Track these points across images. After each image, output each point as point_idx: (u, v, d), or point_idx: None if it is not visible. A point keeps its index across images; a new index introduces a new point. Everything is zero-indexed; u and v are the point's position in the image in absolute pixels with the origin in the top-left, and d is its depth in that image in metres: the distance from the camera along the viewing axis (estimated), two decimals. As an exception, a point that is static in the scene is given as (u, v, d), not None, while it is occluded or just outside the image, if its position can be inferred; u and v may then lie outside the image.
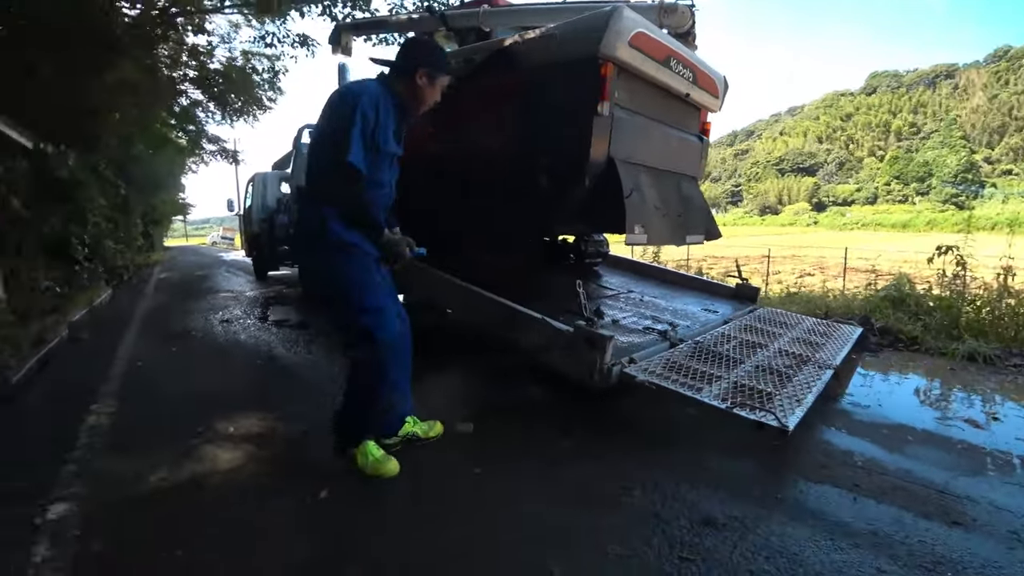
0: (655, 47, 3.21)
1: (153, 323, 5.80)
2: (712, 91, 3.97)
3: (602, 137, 3.03)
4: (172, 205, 27.87)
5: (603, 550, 1.74)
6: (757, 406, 2.38)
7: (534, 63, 3.24)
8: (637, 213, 3.15)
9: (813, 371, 2.98)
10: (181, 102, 13.00)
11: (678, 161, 3.93)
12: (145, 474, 2.23)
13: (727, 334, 3.54)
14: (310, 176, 2.17)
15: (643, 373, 2.65)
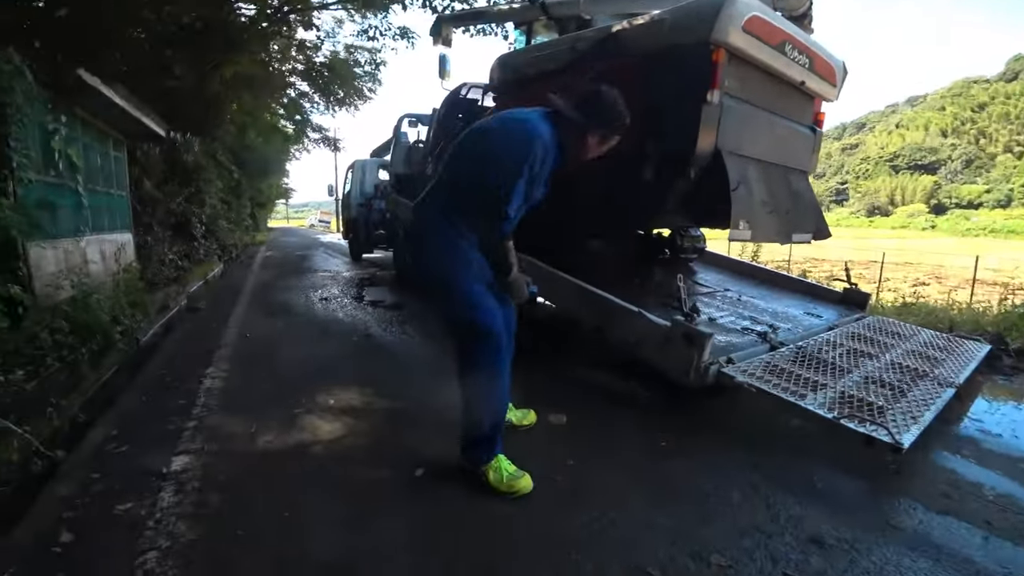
0: (770, 31, 3.04)
1: (259, 297, 6.33)
2: (829, 78, 3.70)
3: (710, 127, 2.91)
4: (276, 189, 30.12)
5: (704, 559, 1.68)
6: (867, 419, 2.20)
7: (641, 50, 3.15)
8: (743, 208, 3.00)
9: (931, 387, 2.69)
10: (289, 93, 13.95)
11: (788, 154, 3.71)
12: (255, 436, 2.45)
13: (833, 341, 3.28)
14: (452, 189, 2.04)
15: (742, 375, 2.53)
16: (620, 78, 3.23)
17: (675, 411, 2.89)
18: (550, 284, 3.32)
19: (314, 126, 16.40)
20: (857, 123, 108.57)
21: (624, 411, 2.90)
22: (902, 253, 21.63)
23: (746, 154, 3.23)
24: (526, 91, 4.14)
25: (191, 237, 9.12)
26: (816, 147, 4.03)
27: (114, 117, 5.25)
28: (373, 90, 13.80)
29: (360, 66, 12.85)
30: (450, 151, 2.16)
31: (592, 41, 3.49)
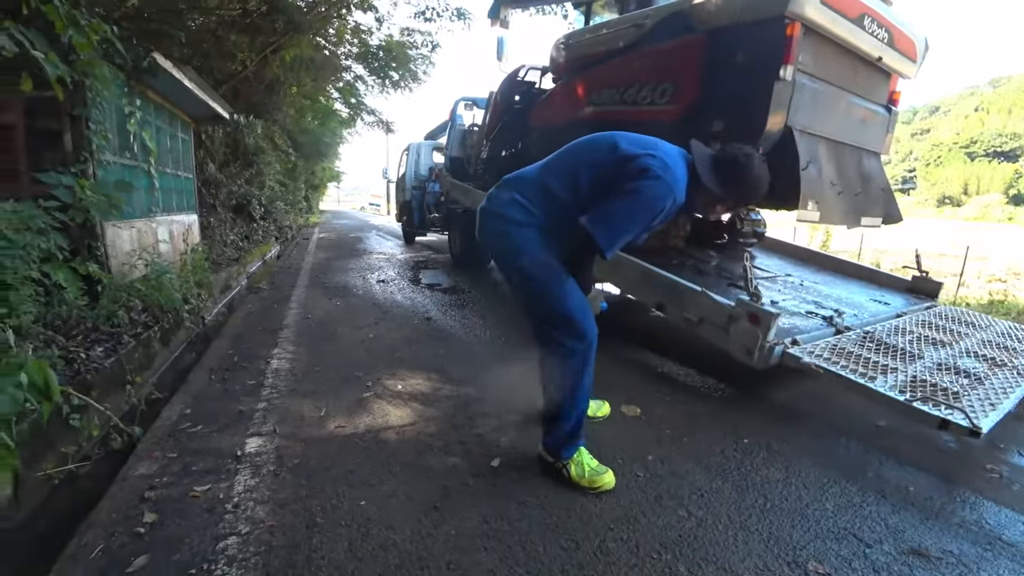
0: (848, 4, 2.94)
1: (317, 278, 6.41)
2: (910, 54, 3.52)
3: (782, 104, 2.87)
4: (329, 172, 30.81)
5: (801, 566, 1.59)
6: (942, 402, 2.09)
7: (714, 24, 3.10)
8: (812, 188, 2.96)
9: (1011, 377, 2.54)
10: (345, 77, 14.10)
11: (861, 134, 3.57)
12: (325, 420, 2.44)
13: (901, 327, 3.15)
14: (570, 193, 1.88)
15: (808, 355, 2.48)
16: (692, 53, 3.22)
17: (754, 406, 2.82)
18: (613, 265, 3.29)
19: (368, 109, 16.56)
20: (930, 107, 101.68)
21: (700, 404, 2.81)
22: (978, 246, 20.27)
23: (817, 133, 3.16)
24: (587, 72, 4.06)
25: (250, 218, 9.40)
26: (891, 127, 3.86)
27: (183, 100, 5.38)
28: (427, 72, 13.80)
29: (415, 48, 12.84)
30: (562, 156, 1.99)
31: (659, 18, 3.45)
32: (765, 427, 2.53)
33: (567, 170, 1.91)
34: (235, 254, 6.90)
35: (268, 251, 8.47)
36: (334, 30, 11.20)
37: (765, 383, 3.14)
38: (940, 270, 11.05)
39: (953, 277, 8.77)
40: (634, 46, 3.62)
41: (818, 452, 2.32)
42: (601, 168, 1.85)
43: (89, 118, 3.32)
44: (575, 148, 1.99)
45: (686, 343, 3.81)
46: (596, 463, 2.00)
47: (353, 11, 10.49)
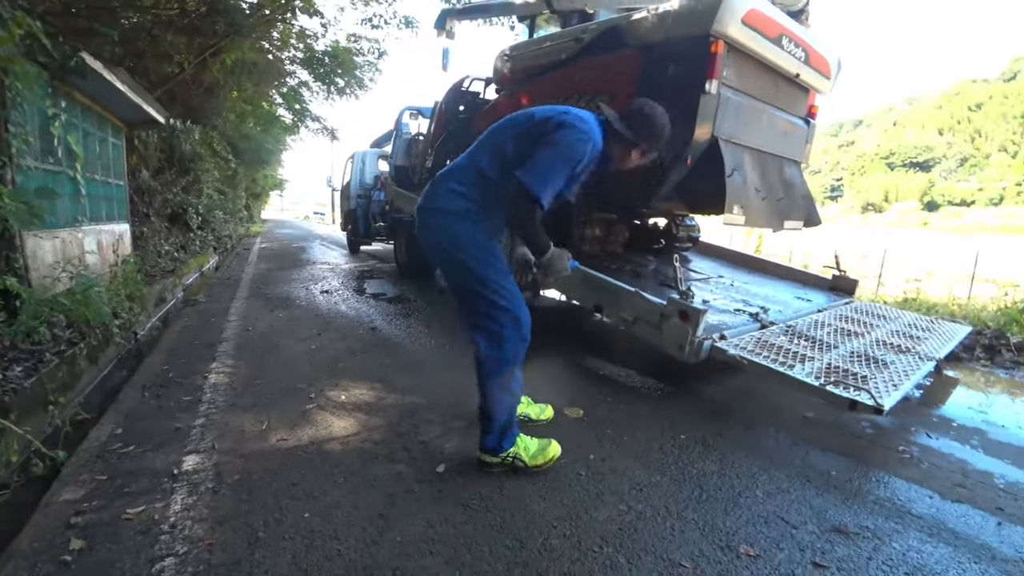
0: (768, 24, 3.18)
1: (258, 289, 6.22)
2: (824, 71, 3.83)
3: (708, 116, 3.06)
4: (272, 180, 29.84)
5: (734, 549, 1.70)
6: (852, 385, 2.32)
7: (644, 41, 3.29)
8: (737, 194, 3.15)
9: (913, 361, 2.85)
10: (289, 82, 13.75)
11: (782, 144, 3.84)
12: (267, 434, 2.38)
13: (821, 321, 3.44)
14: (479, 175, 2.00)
15: (734, 348, 2.64)
16: (624, 68, 3.40)
17: (690, 404, 2.97)
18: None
19: (313, 116, 16.17)
20: (854, 121, 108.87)
21: (640, 403, 2.92)
22: (896, 249, 21.96)
23: (741, 143, 3.37)
24: (529, 83, 4.19)
25: (187, 228, 8.97)
26: (809, 138, 4.16)
27: (114, 102, 5.11)
28: (374, 79, 13.63)
29: (362, 55, 12.67)
30: (488, 136, 2.10)
31: (596, 33, 3.63)
32: (701, 423, 2.67)
33: (493, 147, 2.02)
34: (170, 265, 6.59)
35: (206, 262, 8.13)
36: (278, 34, 10.91)
37: (701, 381, 3.32)
38: (862, 271, 11.88)
39: (874, 278, 9.46)
40: (574, 59, 3.78)
41: (750, 444, 2.47)
42: (523, 136, 1.97)
43: (8, 119, 3.12)
44: (498, 128, 2.09)
45: (626, 346, 3.99)
46: (536, 440, 2.13)
47: (298, 15, 10.27)
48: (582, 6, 4.34)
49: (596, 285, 3.17)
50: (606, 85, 3.51)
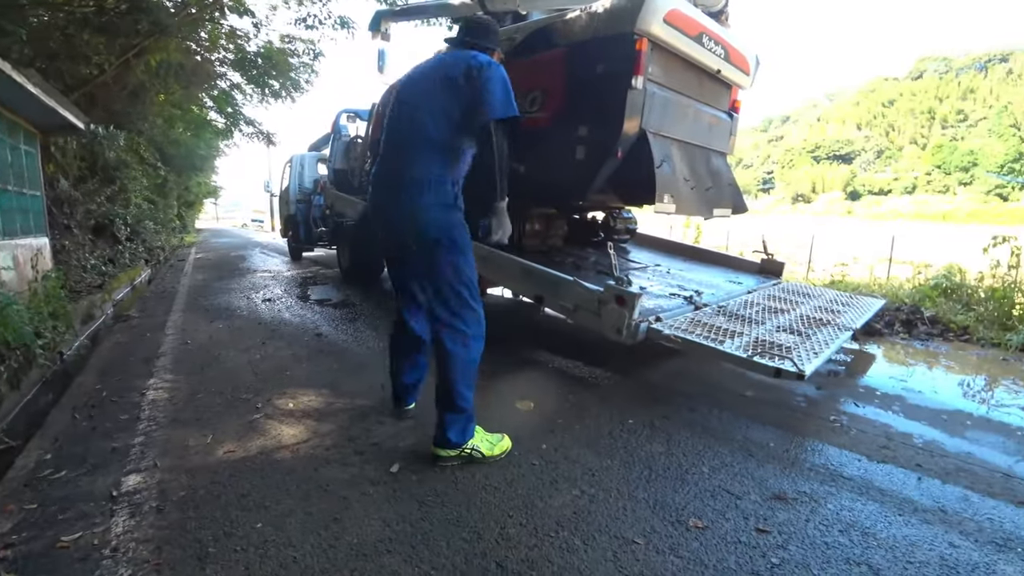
0: (688, 23, 3.34)
1: (196, 301, 5.95)
2: (743, 68, 4.06)
3: (635, 110, 3.19)
4: (205, 187, 28.55)
5: (684, 523, 1.79)
6: (776, 355, 2.50)
7: (574, 40, 3.41)
8: (666, 183, 3.30)
9: (832, 332, 3.08)
10: (220, 85, 13.18)
11: (708, 137, 4.04)
12: (212, 447, 2.30)
13: (751, 301, 3.66)
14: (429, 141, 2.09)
15: (669, 328, 2.78)
16: (556, 66, 3.50)
17: (637, 390, 3.09)
18: (493, 263, 3.50)
19: (247, 119, 15.54)
20: (782, 116, 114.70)
21: (588, 393, 3.01)
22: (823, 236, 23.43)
23: (669, 135, 3.53)
24: None
25: (114, 240, 8.48)
26: (733, 131, 4.41)
27: (26, 106, 4.77)
28: (310, 82, 13.25)
29: (297, 56, 12.29)
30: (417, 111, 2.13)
31: (528, 32, 3.73)
32: (647, 407, 2.78)
33: (435, 117, 2.09)
34: (98, 280, 6.20)
35: (137, 275, 7.71)
36: (206, 34, 10.45)
37: (646, 368, 3.45)
38: (796, 258, 12.58)
39: (804, 264, 10.04)
40: (507, 58, 3.83)
41: (694, 424, 2.59)
42: (462, 94, 2.05)
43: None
44: (423, 101, 2.12)
45: (573, 339, 4.09)
46: (490, 433, 2.23)
47: (228, 15, 9.87)
48: (515, 8, 4.45)
49: (537, 276, 3.27)
50: (538, 82, 3.62)
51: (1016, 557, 1.65)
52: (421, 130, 2.10)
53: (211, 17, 9.39)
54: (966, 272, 5.39)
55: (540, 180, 3.65)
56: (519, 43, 3.75)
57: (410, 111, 2.14)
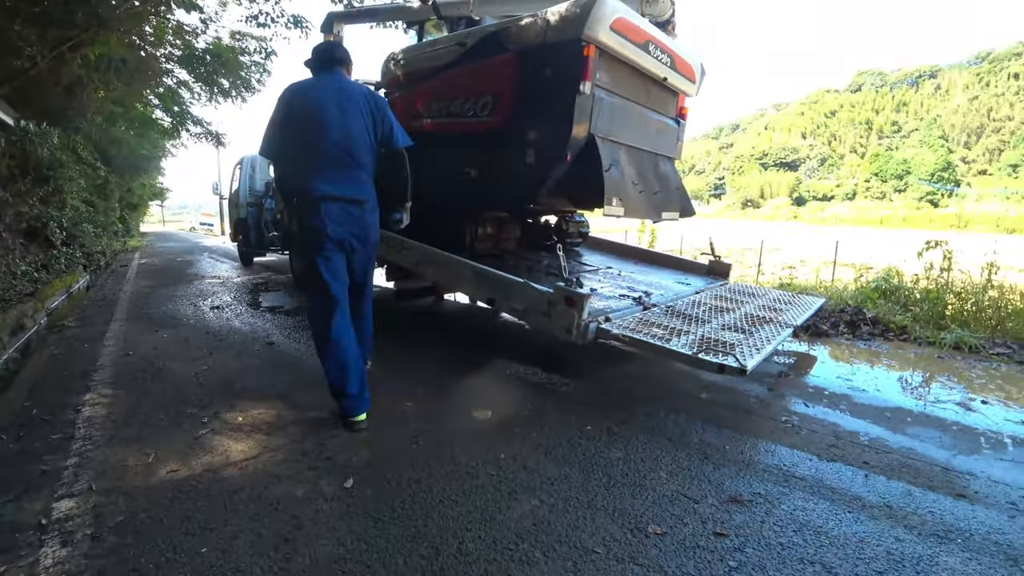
0: (635, 32, 3.43)
1: (139, 310, 5.65)
2: (689, 76, 4.19)
3: (584, 114, 3.26)
4: (151, 189, 27.27)
5: (643, 530, 1.80)
6: (720, 352, 2.59)
7: (523, 45, 3.45)
8: (615, 187, 3.37)
9: (774, 329, 3.22)
10: (166, 82, 12.61)
11: (656, 142, 4.16)
12: (154, 467, 2.17)
13: (698, 301, 3.79)
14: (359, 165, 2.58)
15: (618, 328, 2.84)
16: (506, 71, 3.55)
17: (594, 396, 3.11)
18: (447, 268, 3.56)
19: (194, 119, 14.91)
20: (732, 124, 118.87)
21: (546, 400, 3.00)
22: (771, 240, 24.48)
23: (617, 140, 3.61)
24: (418, 86, 4.25)
25: (48, 244, 7.95)
26: (680, 136, 4.55)
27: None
28: (262, 81, 12.85)
29: (248, 54, 11.90)
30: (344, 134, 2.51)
31: (479, 37, 3.76)
32: (605, 413, 2.80)
33: (359, 140, 2.54)
34: (29, 287, 5.80)
35: (75, 282, 7.24)
36: (152, 28, 9.97)
37: (603, 373, 3.49)
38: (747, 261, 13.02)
39: (755, 267, 10.40)
40: (459, 63, 3.89)
41: (652, 428, 2.63)
42: (376, 124, 2.62)
43: None
44: (347, 129, 2.51)
45: (529, 345, 4.11)
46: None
47: (175, 9, 9.43)
48: (468, 13, 4.50)
49: (488, 280, 3.31)
50: (489, 87, 3.65)
51: (956, 548, 1.74)
52: (355, 152, 2.54)
53: (156, 11, 8.97)
54: (903, 274, 5.69)
55: (491, 183, 3.68)
56: (471, 47, 3.78)
57: (337, 132, 2.49)
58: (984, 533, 1.83)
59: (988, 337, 4.35)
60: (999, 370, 3.75)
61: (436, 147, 3.94)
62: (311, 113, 2.46)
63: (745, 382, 3.33)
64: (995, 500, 2.05)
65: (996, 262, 5.01)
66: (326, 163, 2.48)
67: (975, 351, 4.10)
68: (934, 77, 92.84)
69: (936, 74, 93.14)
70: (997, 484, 2.17)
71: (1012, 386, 3.43)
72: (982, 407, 3.03)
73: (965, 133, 78.96)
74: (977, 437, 2.63)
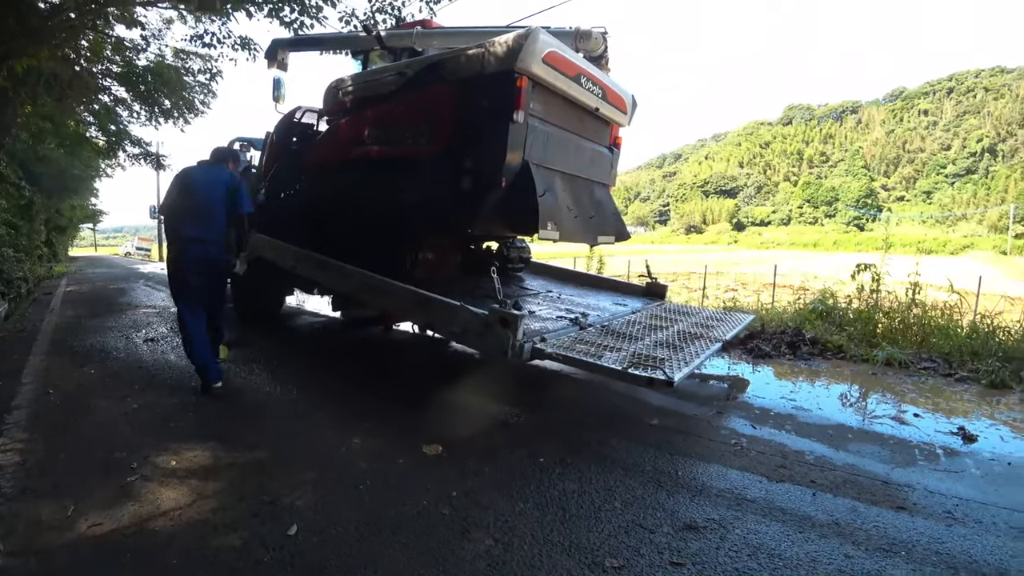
0: (566, 65, 3.60)
1: (62, 342, 5.24)
2: (621, 107, 4.40)
3: (518, 142, 3.37)
4: (82, 211, 25.76)
5: (600, 564, 1.77)
6: (649, 366, 2.67)
7: (460, 76, 3.56)
8: (549, 212, 3.48)
9: (704, 344, 3.35)
10: (102, 99, 11.98)
11: (591, 169, 4.33)
12: (73, 521, 1.98)
13: (634, 320, 3.91)
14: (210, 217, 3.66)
15: (552, 347, 2.89)
16: (444, 100, 3.64)
17: (547, 426, 3.11)
18: (388, 293, 3.57)
19: (133, 139, 14.18)
20: (675, 154, 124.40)
21: (498, 432, 2.98)
22: (713, 265, 25.55)
23: (552, 167, 3.76)
24: (358, 114, 4.33)
25: (-40, 270, 7.34)
26: (615, 164, 4.77)
27: None
28: (207, 103, 12.41)
29: (192, 75, 11.48)
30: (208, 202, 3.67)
31: (418, 68, 3.88)
32: (558, 444, 2.78)
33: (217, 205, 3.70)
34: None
35: (-11, 312, 6.68)
36: (88, 43, 9.47)
37: (554, 403, 3.52)
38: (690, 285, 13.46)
39: (699, 291, 10.75)
40: (400, 91, 3.95)
41: (605, 458, 2.62)
42: (229, 196, 3.72)
43: None
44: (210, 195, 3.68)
45: (480, 376, 4.08)
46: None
47: (114, 24, 9.01)
48: (411, 44, 4.64)
49: (426, 304, 3.33)
50: (428, 115, 3.74)
51: (901, 561, 1.81)
52: (212, 211, 3.67)
53: (93, 25, 8.54)
54: (837, 296, 6.00)
55: (431, 210, 3.72)
56: (411, 77, 3.86)
57: (204, 199, 3.67)
58: (925, 543, 1.91)
59: (915, 352, 4.63)
60: (927, 383, 3.98)
61: (377, 173, 4.00)
62: (189, 187, 3.67)
63: (694, 406, 3.40)
64: (932, 510, 2.15)
65: (918, 282, 5.36)
66: (191, 217, 3.60)
67: (904, 366, 4.35)
68: (855, 112, 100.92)
69: (857, 109, 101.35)
70: (933, 494, 2.28)
71: (939, 398, 3.66)
72: (915, 420, 3.22)
73: (884, 163, 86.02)
74: (912, 449, 2.77)
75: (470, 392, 3.64)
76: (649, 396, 3.56)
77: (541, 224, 3.33)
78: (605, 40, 4.34)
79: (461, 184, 3.50)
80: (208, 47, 9.80)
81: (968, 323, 5.08)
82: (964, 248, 52.45)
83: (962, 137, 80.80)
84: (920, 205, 75.78)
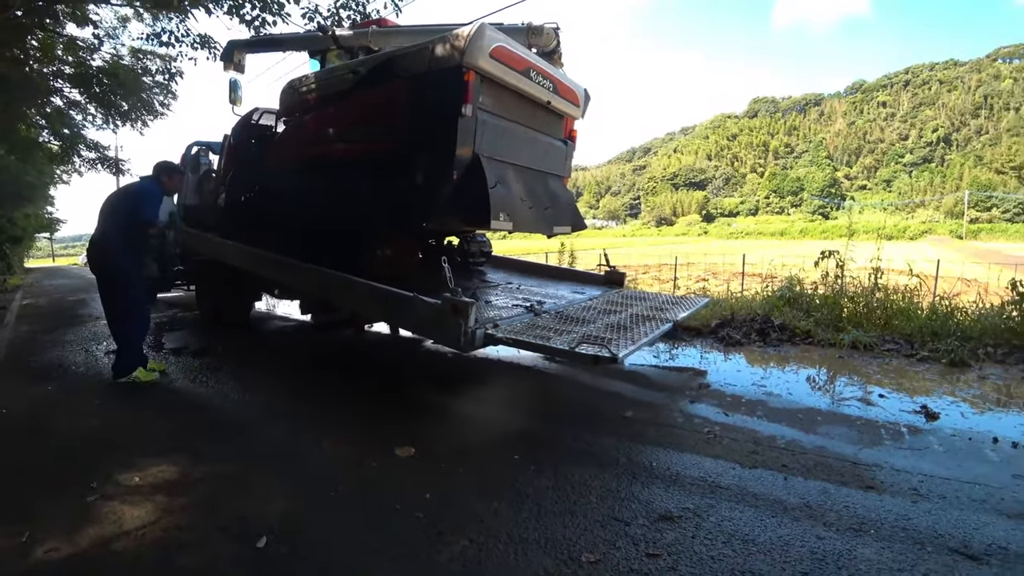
0: (515, 59, 3.64)
1: (17, 358, 5.05)
2: (573, 100, 4.45)
3: (467, 136, 3.41)
4: (37, 220, 24.78)
5: (576, 559, 1.76)
6: (597, 345, 2.74)
7: (412, 72, 3.60)
8: (502, 203, 3.53)
9: (654, 324, 3.44)
10: (55, 101, 11.50)
11: (545, 161, 4.38)
12: (28, 547, 1.88)
13: (590, 306, 4.00)
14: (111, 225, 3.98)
15: (503, 333, 2.97)
16: (395, 97, 3.66)
17: (519, 424, 3.07)
18: (345, 290, 3.64)
19: (89, 143, 13.65)
20: (644, 147, 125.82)
21: (471, 431, 2.96)
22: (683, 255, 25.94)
23: (503, 159, 3.80)
24: (314, 114, 4.38)
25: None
26: (570, 156, 4.83)
27: None
28: (167, 104, 12.04)
29: (150, 75, 11.10)
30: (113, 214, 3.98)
31: (370, 66, 3.90)
32: (531, 441, 2.76)
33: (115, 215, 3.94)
34: None
35: (-64, 329, 6.36)
36: (38, 43, 9.07)
37: (526, 400, 3.49)
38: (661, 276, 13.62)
39: (670, 281, 10.88)
40: (353, 90, 3.95)
41: (579, 452, 2.62)
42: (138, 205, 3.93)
43: None
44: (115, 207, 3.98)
45: (450, 375, 4.07)
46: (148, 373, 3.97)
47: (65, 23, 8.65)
48: (367, 43, 4.63)
49: (380, 297, 3.38)
50: (381, 112, 3.74)
51: (871, 539, 1.85)
52: (109, 218, 3.96)
53: (43, 24, 8.18)
54: (804, 283, 6.13)
55: (385, 205, 3.74)
56: (364, 75, 3.86)
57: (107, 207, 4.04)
58: (892, 521, 1.95)
59: (879, 335, 4.75)
60: (891, 364, 4.09)
61: (335, 172, 3.99)
62: (110, 196, 4.13)
63: (666, 397, 3.43)
64: (899, 488, 2.20)
65: (880, 266, 5.51)
66: (100, 222, 4.00)
67: (869, 349, 4.46)
68: (818, 104, 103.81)
69: (820, 102, 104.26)
70: (899, 472, 2.34)
71: (903, 379, 3.76)
72: (880, 400, 3.30)
73: (846, 153, 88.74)
74: (878, 429, 2.84)
75: (443, 392, 3.61)
76: (623, 389, 3.59)
77: (493, 215, 3.37)
78: (557, 35, 4.37)
79: (415, 179, 3.53)
80: (166, 46, 9.49)
81: (928, 305, 5.24)
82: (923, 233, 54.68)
83: (919, 127, 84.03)
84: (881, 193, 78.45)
